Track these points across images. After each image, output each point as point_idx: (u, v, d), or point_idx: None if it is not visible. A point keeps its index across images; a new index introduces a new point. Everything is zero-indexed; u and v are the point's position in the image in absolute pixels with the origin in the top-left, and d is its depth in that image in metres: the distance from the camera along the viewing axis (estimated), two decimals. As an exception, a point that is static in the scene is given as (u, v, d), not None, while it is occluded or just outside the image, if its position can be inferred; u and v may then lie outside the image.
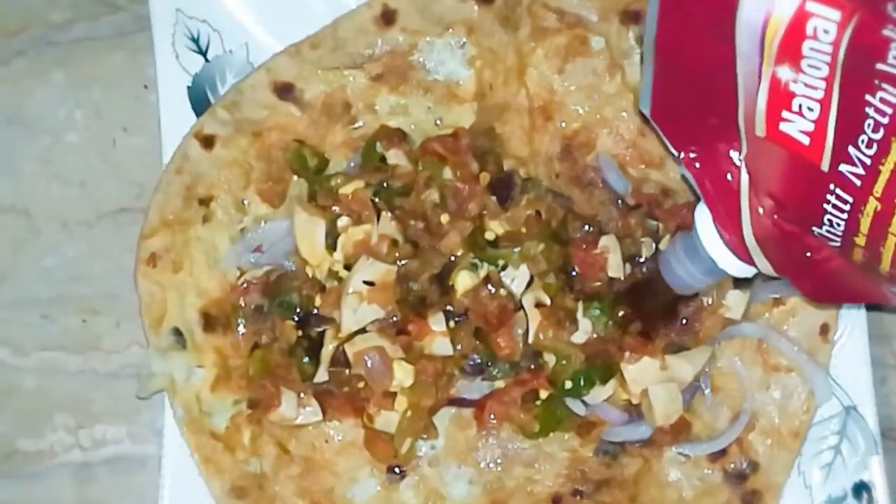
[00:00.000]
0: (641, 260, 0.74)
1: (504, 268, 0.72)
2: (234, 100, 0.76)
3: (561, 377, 0.72)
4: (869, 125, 0.40)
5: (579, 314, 0.72)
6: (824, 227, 0.45)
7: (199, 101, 0.77)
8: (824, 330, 0.75)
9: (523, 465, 0.75)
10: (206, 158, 0.75)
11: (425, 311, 0.72)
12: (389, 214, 0.73)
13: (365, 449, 0.74)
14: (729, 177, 0.49)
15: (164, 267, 0.74)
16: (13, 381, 0.81)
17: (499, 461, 0.75)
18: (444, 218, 0.73)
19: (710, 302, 0.74)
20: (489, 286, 0.72)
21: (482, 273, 0.72)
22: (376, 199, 0.73)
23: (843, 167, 0.42)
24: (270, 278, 0.74)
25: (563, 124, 0.76)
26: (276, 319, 0.74)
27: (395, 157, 0.74)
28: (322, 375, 0.72)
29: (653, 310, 0.72)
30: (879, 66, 0.39)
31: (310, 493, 0.75)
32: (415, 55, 0.76)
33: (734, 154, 0.48)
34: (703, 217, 0.54)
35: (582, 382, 0.72)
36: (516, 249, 0.73)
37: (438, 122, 0.77)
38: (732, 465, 0.75)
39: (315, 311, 0.73)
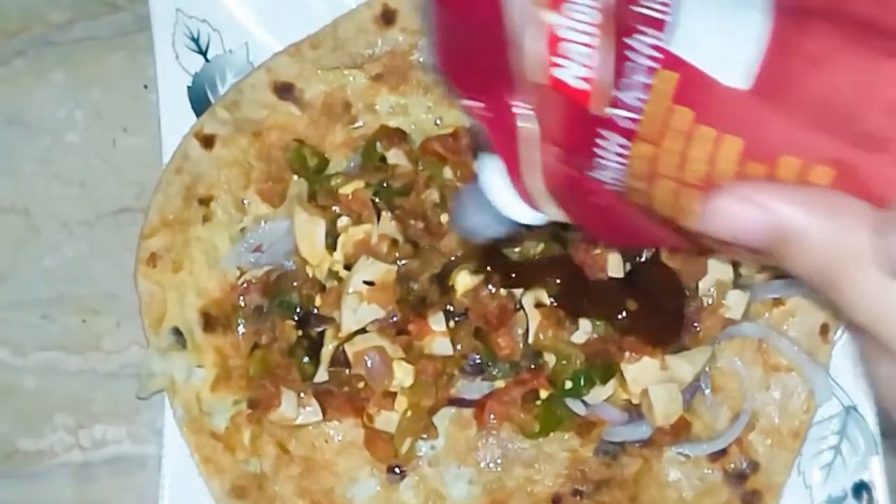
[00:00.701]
0: (642, 260, 0.74)
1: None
2: (234, 99, 0.76)
3: (561, 377, 0.72)
4: (635, 68, 0.40)
5: (579, 314, 0.72)
6: (600, 172, 0.45)
7: (199, 101, 0.77)
8: (824, 330, 0.75)
9: (523, 465, 0.75)
10: (206, 158, 0.75)
11: (425, 311, 0.72)
12: (389, 214, 0.73)
13: (365, 449, 0.74)
14: (515, 125, 0.48)
15: (164, 267, 0.74)
16: (13, 381, 0.81)
17: (499, 461, 0.75)
18: (444, 218, 0.73)
19: (710, 302, 0.74)
20: (489, 286, 0.72)
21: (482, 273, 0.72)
22: (376, 199, 0.73)
23: (614, 111, 0.42)
24: (270, 278, 0.74)
25: (563, 124, 0.76)
26: (276, 319, 0.74)
27: (395, 157, 0.74)
28: (322, 375, 0.72)
29: (659, 324, 0.72)
30: (635, 8, 0.40)
31: (310, 493, 0.75)
32: (415, 55, 0.76)
33: (519, 102, 0.47)
34: (488, 167, 0.52)
35: (582, 382, 0.72)
36: (516, 250, 0.73)
37: (438, 121, 0.77)
38: (732, 465, 0.75)
39: (315, 311, 0.73)
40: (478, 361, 0.73)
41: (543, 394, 0.73)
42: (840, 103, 0.36)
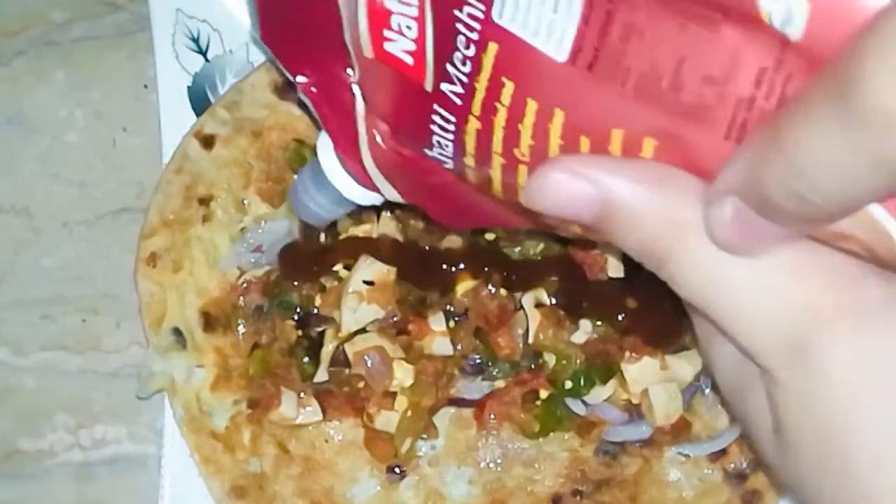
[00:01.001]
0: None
1: (504, 268, 0.72)
2: (235, 99, 0.76)
3: (561, 377, 0.72)
4: (461, 42, 0.39)
5: (579, 314, 0.72)
6: (435, 150, 0.43)
7: (199, 101, 0.77)
8: (824, 330, 0.75)
9: (523, 465, 0.75)
10: (206, 158, 0.75)
11: (425, 311, 0.72)
12: (389, 214, 0.73)
13: (365, 449, 0.74)
14: (345, 100, 0.47)
15: (164, 267, 0.74)
16: (13, 381, 0.81)
17: (499, 461, 0.75)
18: (444, 218, 0.73)
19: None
20: (489, 286, 0.72)
21: (482, 273, 0.72)
22: (376, 199, 0.73)
23: (444, 86, 0.40)
24: (270, 278, 0.74)
25: (563, 124, 0.76)
26: (276, 319, 0.74)
27: (395, 156, 0.74)
28: (322, 375, 0.72)
29: (659, 325, 0.72)
30: None
31: (310, 493, 0.75)
32: (415, 55, 0.76)
33: (348, 77, 0.46)
34: (324, 145, 0.51)
35: (582, 382, 0.72)
36: (517, 249, 0.73)
37: (438, 121, 0.77)
38: (732, 465, 0.75)
39: (315, 311, 0.73)
40: (478, 361, 0.73)
41: (543, 394, 0.73)
42: (659, 73, 0.35)
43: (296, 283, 0.73)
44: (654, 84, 0.35)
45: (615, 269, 0.72)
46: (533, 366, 0.73)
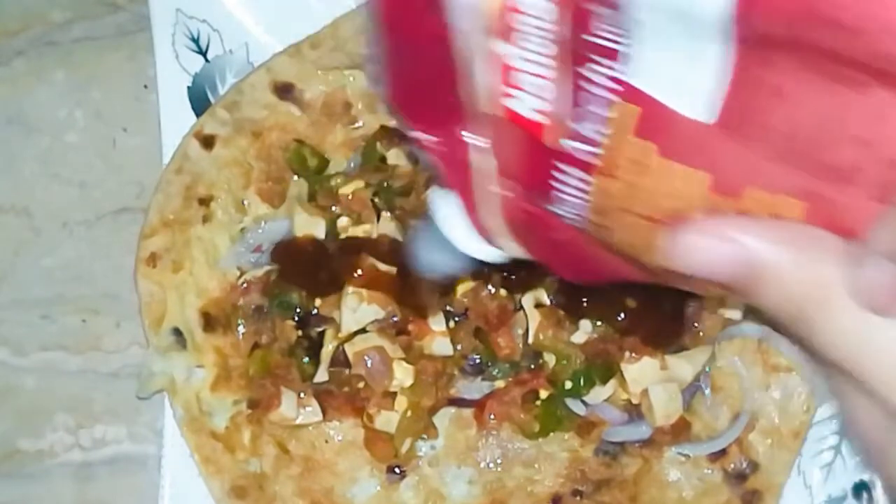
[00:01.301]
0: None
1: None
2: (234, 100, 0.76)
3: (561, 377, 0.72)
4: (592, 100, 0.38)
5: (579, 314, 0.72)
6: (560, 207, 0.43)
7: (199, 101, 0.77)
8: (824, 330, 0.75)
9: (523, 465, 0.75)
10: (206, 158, 0.75)
11: (425, 311, 0.72)
12: (389, 214, 0.73)
13: (365, 449, 0.74)
14: (468, 159, 0.46)
15: (164, 267, 0.74)
16: (13, 381, 0.81)
17: (499, 461, 0.75)
18: (444, 218, 0.73)
19: (710, 302, 0.74)
20: (489, 286, 0.72)
21: (482, 273, 0.72)
22: (376, 199, 0.73)
23: (570, 143, 0.40)
24: (270, 278, 0.74)
25: (563, 124, 0.76)
26: (276, 319, 0.74)
27: (395, 157, 0.74)
28: (322, 375, 0.72)
29: (659, 325, 0.72)
30: (588, 37, 0.38)
31: (310, 493, 0.75)
32: (415, 55, 0.76)
33: (472, 135, 0.46)
34: (443, 203, 0.50)
35: (582, 382, 0.72)
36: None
37: (438, 122, 0.77)
38: (732, 465, 0.75)
39: (315, 311, 0.73)
40: (478, 361, 0.73)
41: (543, 394, 0.73)
42: (806, 135, 0.35)
43: (296, 286, 0.73)
44: (800, 145, 0.35)
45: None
46: (533, 366, 0.73)
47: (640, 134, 0.38)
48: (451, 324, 0.72)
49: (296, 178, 0.76)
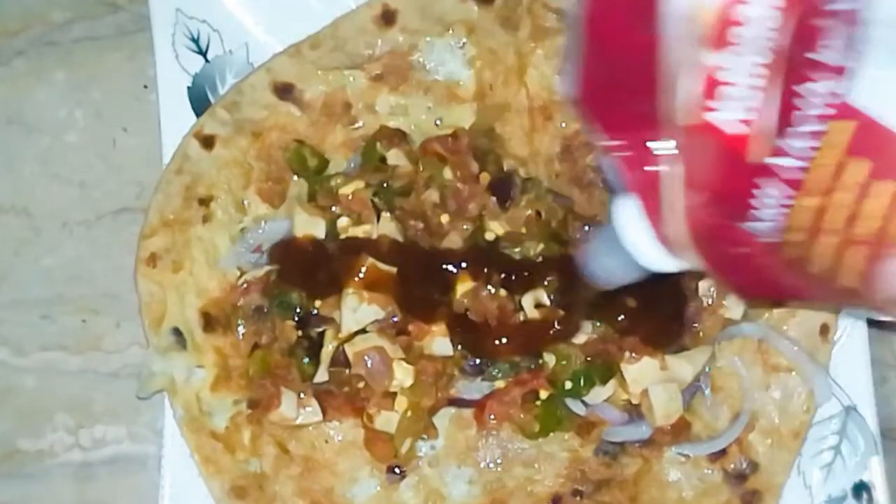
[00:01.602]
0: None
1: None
2: (234, 100, 0.76)
3: (561, 377, 0.72)
4: (805, 117, 0.38)
5: (579, 314, 0.72)
6: (752, 223, 0.43)
7: (199, 101, 0.77)
8: (824, 330, 0.75)
9: (523, 465, 0.75)
10: (206, 158, 0.75)
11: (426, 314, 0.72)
12: (389, 214, 0.73)
13: (365, 449, 0.74)
14: (656, 167, 0.46)
15: (164, 267, 0.74)
16: (13, 381, 0.81)
17: (499, 461, 0.75)
18: (444, 218, 0.73)
19: (710, 302, 0.74)
20: (489, 286, 0.72)
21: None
22: (376, 199, 0.73)
23: (774, 160, 0.40)
24: (270, 278, 0.74)
25: (564, 124, 0.76)
26: (276, 319, 0.73)
27: (395, 157, 0.74)
28: (322, 375, 0.72)
29: (659, 325, 0.72)
30: (810, 55, 0.37)
31: (310, 493, 0.75)
32: (415, 55, 0.76)
33: (662, 144, 0.45)
34: (624, 211, 0.50)
35: (582, 382, 0.72)
36: (517, 249, 0.73)
37: (438, 122, 0.77)
38: (732, 465, 0.75)
39: (315, 311, 0.73)
40: (478, 362, 0.73)
41: (543, 394, 0.73)
42: None
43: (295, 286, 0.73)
44: None
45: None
46: (533, 366, 0.73)
47: (853, 153, 0.37)
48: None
49: (296, 178, 0.76)
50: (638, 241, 0.51)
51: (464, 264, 0.72)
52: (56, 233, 0.82)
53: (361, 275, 0.71)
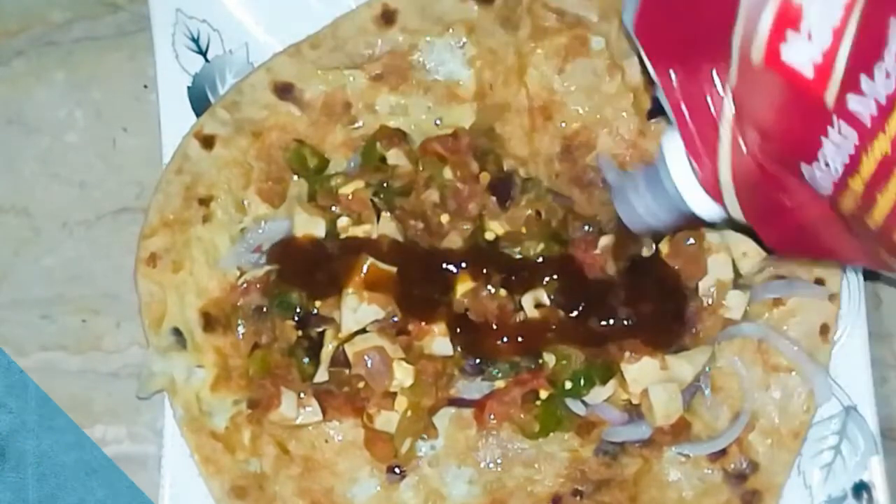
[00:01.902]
0: (642, 257, 0.74)
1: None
2: (234, 100, 0.76)
3: (561, 377, 0.72)
4: (892, 53, 0.35)
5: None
6: (816, 166, 0.40)
7: (199, 101, 0.77)
8: (824, 330, 0.75)
9: (523, 465, 0.75)
10: (206, 158, 0.75)
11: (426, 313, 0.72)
12: (389, 214, 0.73)
13: (365, 449, 0.74)
14: (710, 103, 0.44)
15: (164, 267, 0.74)
16: (13, 381, 0.81)
17: (499, 461, 0.75)
18: (444, 218, 0.73)
19: (710, 302, 0.74)
20: (489, 286, 0.72)
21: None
22: (376, 199, 0.73)
23: (852, 101, 0.37)
24: (270, 278, 0.74)
25: (563, 124, 0.76)
26: (276, 319, 0.73)
27: (395, 157, 0.74)
28: (322, 375, 0.72)
29: (659, 325, 0.72)
30: None
31: (310, 493, 0.75)
32: (415, 55, 0.76)
33: (720, 78, 0.43)
34: (673, 146, 0.48)
35: (582, 382, 0.72)
36: (517, 249, 0.73)
37: (438, 122, 0.77)
38: (732, 465, 0.75)
39: (315, 311, 0.73)
40: (478, 361, 0.73)
41: (543, 394, 0.73)
42: None
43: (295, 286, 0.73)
44: None
45: (615, 270, 0.72)
46: (533, 366, 0.73)
47: None
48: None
49: (296, 178, 0.76)
50: (685, 182, 0.48)
51: (464, 264, 0.72)
52: (56, 233, 0.82)
53: (362, 275, 0.71)
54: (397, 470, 0.75)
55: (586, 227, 0.74)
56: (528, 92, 0.76)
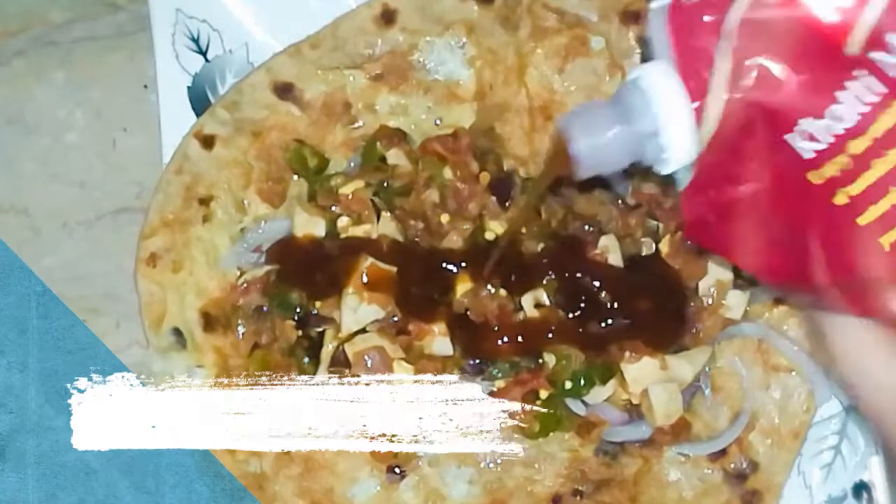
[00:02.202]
0: (642, 256, 0.74)
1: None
2: (234, 99, 0.76)
3: (561, 377, 0.72)
4: None
5: (579, 314, 0.72)
6: (826, 118, 0.37)
7: (199, 101, 0.77)
8: (824, 330, 0.75)
9: (523, 465, 0.75)
10: (206, 158, 0.75)
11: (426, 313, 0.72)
12: (389, 214, 0.73)
13: (365, 449, 0.74)
14: (708, 30, 0.41)
15: (164, 267, 0.74)
16: (13, 381, 0.81)
17: (499, 461, 0.75)
18: (444, 218, 0.73)
19: (710, 302, 0.74)
20: (489, 286, 0.72)
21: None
22: (376, 199, 0.73)
23: (876, 54, 0.35)
24: (270, 278, 0.74)
25: (563, 124, 0.76)
26: (276, 319, 0.74)
27: (395, 157, 0.74)
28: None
29: (659, 325, 0.72)
30: None
31: (310, 493, 0.75)
32: (415, 55, 0.76)
33: (721, 8, 0.40)
34: (660, 69, 0.44)
35: (582, 382, 0.72)
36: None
37: (438, 122, 0.77)
38: (732, 465, 0.75)
39: (315, 311, 0.73)
40: (478, 361, 0.73)
41: (543, 394, 0.73)
42: None
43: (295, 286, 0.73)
44: None
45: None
46: (533, 366, 0.73)
47: None
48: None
49: (296, 178, 0.76)
50: (670, 108, 0.44)
51: (464, 264, 0.72)
52: (56, 233, 0.82)
53: (362, 275, 0.71)
54: (397, 470, 0.75)
55: (586, 227, 0.74)
56: (528, 92, 0.76)
